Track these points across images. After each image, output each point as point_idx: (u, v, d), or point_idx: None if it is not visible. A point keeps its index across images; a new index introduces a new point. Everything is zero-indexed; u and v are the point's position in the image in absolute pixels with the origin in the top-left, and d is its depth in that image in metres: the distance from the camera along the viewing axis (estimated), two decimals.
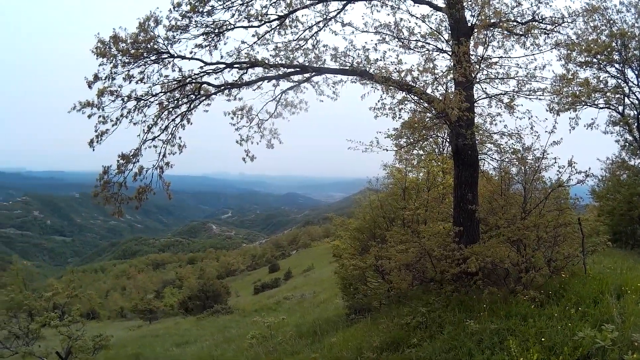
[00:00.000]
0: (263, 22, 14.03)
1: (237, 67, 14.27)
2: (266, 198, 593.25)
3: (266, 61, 14.07)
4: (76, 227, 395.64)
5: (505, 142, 14.45)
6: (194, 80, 14.15)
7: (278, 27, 14.32)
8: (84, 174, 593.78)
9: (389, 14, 13.80)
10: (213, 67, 14.06)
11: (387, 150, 15.25)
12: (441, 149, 19.90)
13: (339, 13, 14.23)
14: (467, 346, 9.26)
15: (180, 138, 14.39)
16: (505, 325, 9.51)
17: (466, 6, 13.05)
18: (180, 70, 13.94)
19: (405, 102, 13.35)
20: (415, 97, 12.96)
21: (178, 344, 26.36)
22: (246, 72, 14.40)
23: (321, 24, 14.44)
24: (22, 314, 18.80)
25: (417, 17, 13.51)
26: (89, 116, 13.06)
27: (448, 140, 17.16)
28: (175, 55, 13.68)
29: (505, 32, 13.40)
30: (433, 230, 14.21)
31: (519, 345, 8.41)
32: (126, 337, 33.34)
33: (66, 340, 16.92)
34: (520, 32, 13.58)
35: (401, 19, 13.42)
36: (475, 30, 13.00)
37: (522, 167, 13.05)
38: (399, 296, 15.15)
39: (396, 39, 13.48)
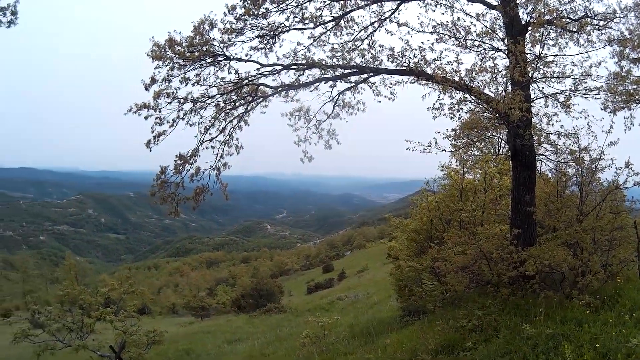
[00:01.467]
0: (318, 24, 14.17)
1: (294, 69, 14.43)
2: (321, 198, 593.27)
3: (323, 62, 14.21)
4: (130, 225, 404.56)
5: (563, 143, 14.28)
6: (250, 82, 14.36)
7: (333, 29, 14.44)
8: (140, 173, 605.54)
9: (443, 13, 13.73)
10: (270, 68, 14.23)
11: (445, 151, 15.20)
12: (497, 150, 19.78)
13: (393, 13, 14.26)
14: (523, 350, 9.29)
15: (237, 139, 14.71)
16: (561, 330, 9.50)
17: (519, 3, 12.98)
18: (236, 72, 14.19)
19: (465, 102, 13.41)
20: (474, 98, 12.99)
21: (229, 341, 26.89)
22: (303, 74, 14.53)
23: (376, 25, 14.52)
24: (77, 308, 19.29)
25: (471, 16, 13.48)
26: (146, 117, 13.47)
27: (505, 140, 17.03)
28: (232, 57, 13.93)
29: (560, 29, 13.26)
30: (490, 232, 14.17)
31: (573, 350, 8.43)
32: (177, 332, 34.02)
33: (121, 335, 17.38)
34: (574, 29, 13.37)
35: (458, 18, 13.42)
36: (530, 28, 12.90)
37: (579, 169, 12.96)
38: (454, 298, 15.18)
39: (453, 39, 13.45)
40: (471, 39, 13.50)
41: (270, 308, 41.95)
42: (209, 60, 13.78)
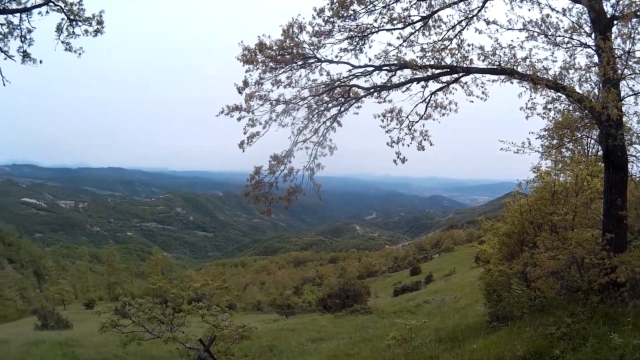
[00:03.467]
0: (407, 24, 14.12)
1: (386, 70, 14.40)
2: (411, 200, 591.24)
3: (414, 63, 14.06)
4: (219, 223, 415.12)
5: None
6: (342, 84, 14.48)
7: (422, 29, 14.34)
8: (230, 174, 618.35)
9: (530, 9, 13.43)
10: (361, 70, 14.29)
11: (538, 152, 14.98)
12: (586, 151, 19.25)
13: (479, 10, 14.06)
14: None
15: (330, 140, 14.88)
16: None
17: None
18: (328, 74, 14.34)
19: (560, 101, 13.20)
20: (566, 96, 12.74)
21: (313, 339, 26.96)
22: (395, 74, 14.46)
23: (463, 23, 14.36)
24: (163, 301, 19.72)
25: (557, 11, 13.12)
26: (239, 119, 13.84)
27: (597, 141, 16.55)
28: (323, 59, 14.09)
29: None
30: (582, 237, 13.85)
31: None
32: (262, 329, 34.37)
33: (212, 329, 17.69)
34: None
35: (547, 15, 13.12)
36: (617, 22, 12.41)
37: None
38: (542, 305, 14.89)
39: (542, 36, 13.18)
40: (560, 36, 13.20)
41: (357, 309, 41.75)
42: (299, 63, 13.98)
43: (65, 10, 14.82)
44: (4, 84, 15.20)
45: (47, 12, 14.73)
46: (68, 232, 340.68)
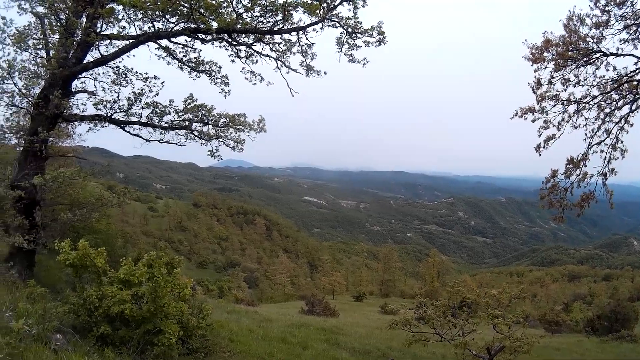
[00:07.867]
0: None
1: None
2: None
3: None
4: (499, 230, 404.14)
5: None
6: (630, 79, 13.87)
7: None
8: (510, 179, 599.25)
9: None
10: None
11: None
12: None
13: None
14: None
15: (622, 142, 14.34)
16: None
17: None
18: (614, 69, 13.94)
19: None
20: None
21: None
22: None
23: None
24: (463, 307, 19.76)
25: None
26: (533, 121, 14.22)
27: None
28: (608, 52, 13.64)
29: None
30: None
31: None
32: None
33: (502, 339, 17.55)
34: None
35: None
36: None
37: None
38: None
39: None
40: None
41: (622, 335, 39.26)
42: (584, 59, 13.70)
43: (342, 24, 15.65)
44: (292, 95, 16.75)
45: (321, 28, 15.59)
46: (347, 229, 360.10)
